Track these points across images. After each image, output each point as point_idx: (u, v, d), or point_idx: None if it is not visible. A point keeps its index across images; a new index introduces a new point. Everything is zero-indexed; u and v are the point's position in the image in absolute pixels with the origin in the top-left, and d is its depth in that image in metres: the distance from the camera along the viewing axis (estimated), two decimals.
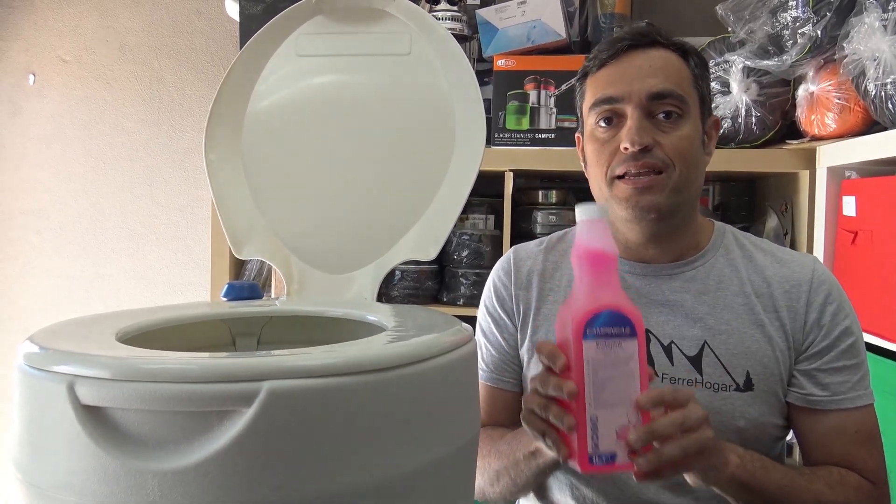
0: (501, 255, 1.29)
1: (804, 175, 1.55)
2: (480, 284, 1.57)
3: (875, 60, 1.24)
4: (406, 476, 0.53)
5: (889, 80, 1.22)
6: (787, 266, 0.93)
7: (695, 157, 0.90)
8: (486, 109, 1.66)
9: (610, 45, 0.91)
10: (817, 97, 1.45)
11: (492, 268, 1.07)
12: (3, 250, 2.47)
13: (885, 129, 1.27)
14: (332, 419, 0.48)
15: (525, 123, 1.69)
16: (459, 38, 1.76)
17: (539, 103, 1.68)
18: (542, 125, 1.68)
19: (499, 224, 1.77)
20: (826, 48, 1.40)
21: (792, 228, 1.63)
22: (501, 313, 1.01)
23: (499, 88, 1.70)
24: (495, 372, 1.01)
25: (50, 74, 2.42)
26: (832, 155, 1.44)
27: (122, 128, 2.39)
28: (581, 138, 0.98)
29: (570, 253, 0.70)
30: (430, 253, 0.87)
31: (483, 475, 0.92)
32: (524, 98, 1.68)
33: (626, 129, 0.87)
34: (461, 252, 1.73)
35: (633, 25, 1.71)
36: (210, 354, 0.52)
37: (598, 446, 0.65)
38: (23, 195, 2.45)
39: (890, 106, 1.23)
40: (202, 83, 2.36)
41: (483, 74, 1.76)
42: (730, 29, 1.56)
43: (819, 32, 1.39)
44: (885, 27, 1.22)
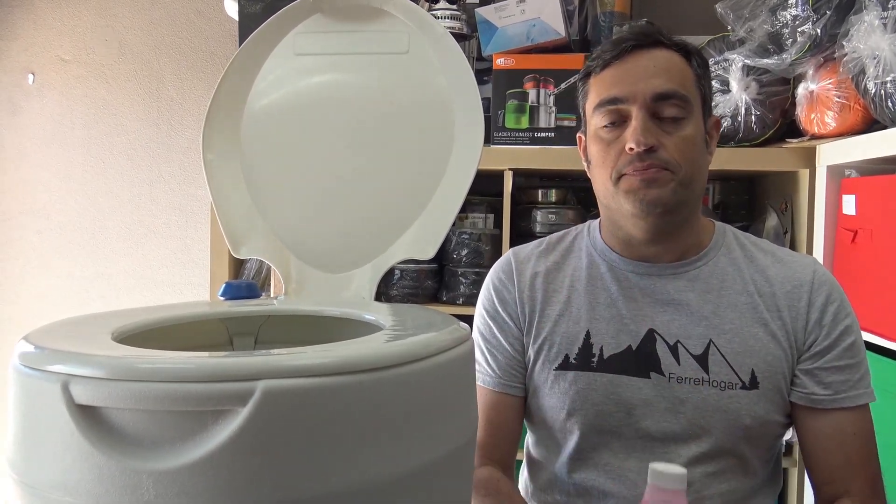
0: (501, 254, 1.29)
1: (804, 174, 1.55)
2: (480, 283, 1.55)
3: (875, 59, 1.24)
4: (402, 476, 0.52)
5: (889, 79, 1.22)
6: (788, 266, 0.93)
7: (698, 158, 0.90)
8: (486, 108, 1.66)
9: (614, 45, 0.91)
10: (817, 96, 1.44)
11: (491, 267, 1.06)
12: (3, 250, 2.47)
13: (884, 127, 1.27)
14: (328, 419, 0.48)
15: (524, 122, 1.68)
16: (458, 36, 1.76)
17: (538, 102, 1.68)
18: (542, 124, 1.68)
19: (498, 223, 1.76)
20: (826, 46, 1.40)
21: (792, 227, 1.63)
22: (504, 316, 0.99)
23: (498, 87, 1.69)
24: (503, 378, 0.98)
25: (49, 74, 2.42)
26: (832, 153, 1.44)
27: (122, 127, 2.39)
28: (583, 138, 0.98)
29: None
30: (429, 252, 0.87)
31: None
32: (523, 97, 1.68)
33: (632, 129, 0.87)
34: (460, 251, 1.73)
35: (635, 25, 1.70)
36: (205, 354, 0.51)
37: None
38: (22, 195, 2.45)
39: (890, 104, 1.23)
40: (201, 82, 2.36)
41: (482, 73, 1.75)
42: (729, 27, 1.56)
43: (819, 31, 1.39)
44: (884, 25, 1.22)
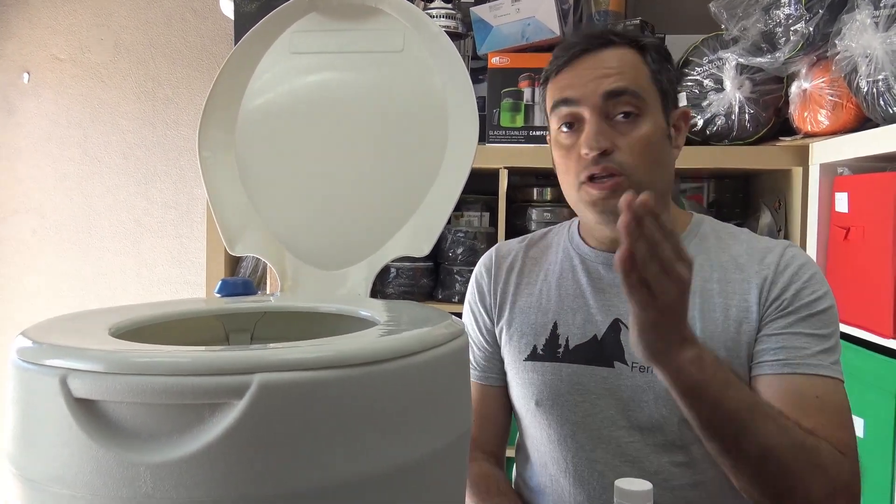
0: None
1: (797, 172, 1.56)
2: None
3: (867, 57, 1.25)
4: (397, 469, 0.53)
5: (881, 77, 1.23)
6: (761, 242, 0.94)
7: (657, 155, 0.91)
8: (481, 107, 1.67)
9: (564, 49, 0.93)
10: (810, 94, 1.45)
11: None
12: None
13: (877, 125, 1.28)
14: (324, 412, 0.49)
15: (519, 121, 1.69)
16: (453, 35, 1.76)
17: (533, 101, 1.69)
18: (537, 122, 1.68)
19: (493, 221, 1.77)
20: (818, 45, 1.41)
21: (785, 225, 1.64)
22: (480, 308, 1.03)
23: (493, 86, 1.70)
24: (484, 370, 1.03)
25: (44, 73, 2.42)
26: (825, 151, 1.45)
27: (117, 126, 2.39)
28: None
29: None
30: (423, 249, 0.87)
31: None
32: (518, 95, 1.69)
33: (584, 134, 0.88)
34: (456, 249, 1.74)
35: (587, 27, 1.72)
36: (202, 348, 0.52)
37: None
38: (17, 194, 2.45)
39: (882, 102, 1.24)
40: (197, 81, 2.36)
41: (477, 72, 1.76)
42: (723, 26, 1.57)
43: (811, 29, 1.40)
44: (876, 24, 1.23)
